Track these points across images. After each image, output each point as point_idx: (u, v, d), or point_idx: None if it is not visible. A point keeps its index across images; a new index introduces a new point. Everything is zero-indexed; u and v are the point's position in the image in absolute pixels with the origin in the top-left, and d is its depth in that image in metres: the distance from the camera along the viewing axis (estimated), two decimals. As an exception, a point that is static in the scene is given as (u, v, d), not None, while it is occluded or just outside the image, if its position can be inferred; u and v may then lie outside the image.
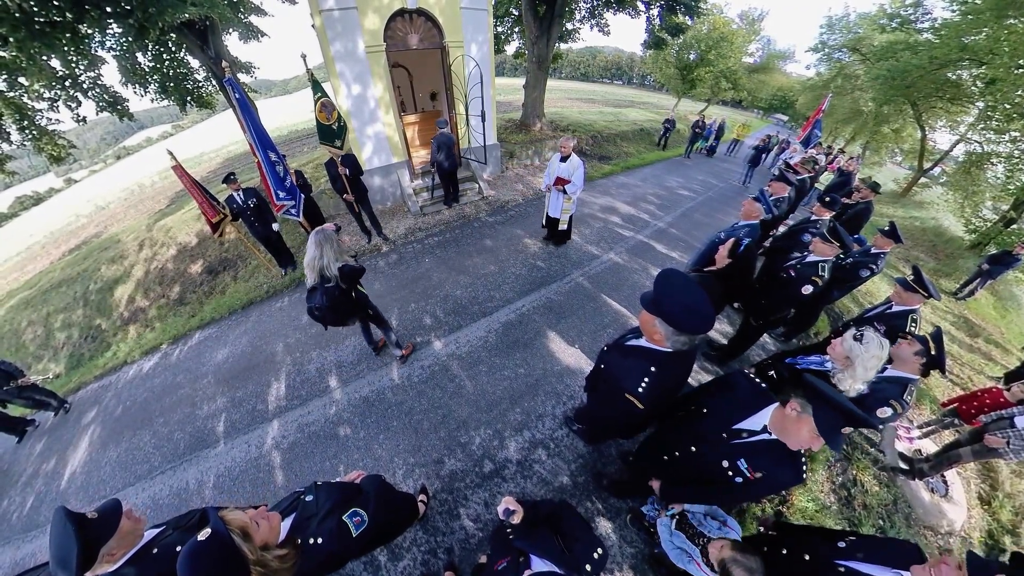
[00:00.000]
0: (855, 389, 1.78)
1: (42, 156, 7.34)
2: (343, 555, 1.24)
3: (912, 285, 2.40)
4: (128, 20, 5.54)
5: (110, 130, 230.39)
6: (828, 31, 16.50)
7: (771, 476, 1.30)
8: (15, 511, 3.28)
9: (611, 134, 12.02)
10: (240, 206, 4.57)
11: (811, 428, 1.15)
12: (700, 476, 1.54)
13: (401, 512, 1.75)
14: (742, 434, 1.36)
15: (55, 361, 5.92)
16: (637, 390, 1.40)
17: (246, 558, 0.89)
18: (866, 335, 1.79)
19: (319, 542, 1.16)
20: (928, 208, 13.00)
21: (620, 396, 1.47)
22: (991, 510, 2.80)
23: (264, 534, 0.99)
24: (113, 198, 21.99)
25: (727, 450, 1.38)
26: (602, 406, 1.74)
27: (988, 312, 6.10)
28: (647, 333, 1.42)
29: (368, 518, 1.30)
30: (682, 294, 1.28)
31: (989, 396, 2.83)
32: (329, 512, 1.25)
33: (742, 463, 1.33)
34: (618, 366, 1.57)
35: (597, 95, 29.23)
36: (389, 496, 1.68)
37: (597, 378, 1.80)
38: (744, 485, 1.35)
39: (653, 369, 1.39)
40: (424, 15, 5.63)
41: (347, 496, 1.36)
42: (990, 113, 9.14)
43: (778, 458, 1.28)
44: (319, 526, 1.20)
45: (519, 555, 1.15)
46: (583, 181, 4.51)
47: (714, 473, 1.42)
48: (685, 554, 1.63)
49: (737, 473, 1.35)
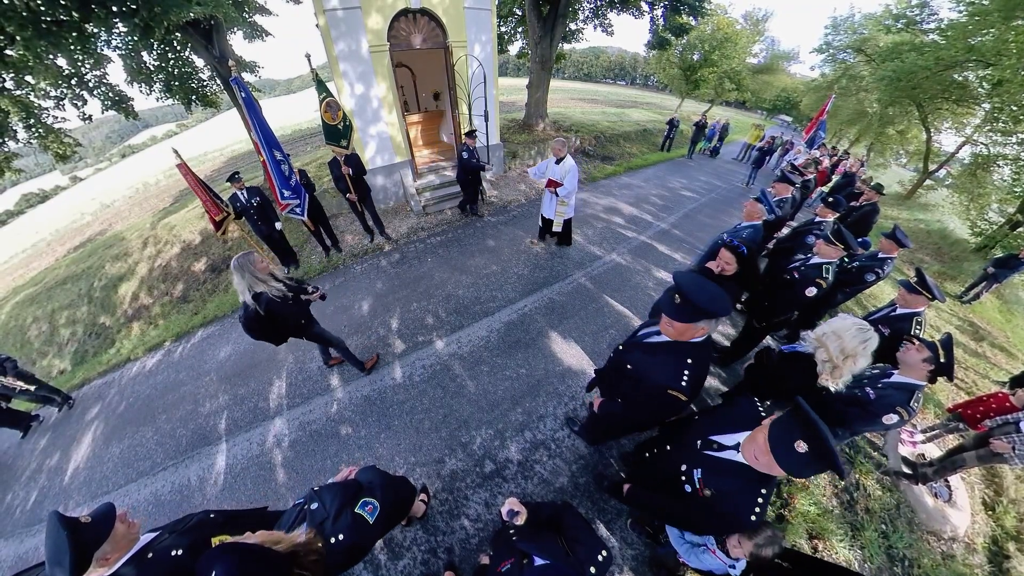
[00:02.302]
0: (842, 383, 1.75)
1: (48, 154, 7.38)
2: (365, 543, 1.27)
3: (916, 287, 2.39)
4: (134, 19, 5.56)
5: (116, 128, 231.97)
6: (833, 32, 16.38)
7: (720, 497, 1.23)
8: (19, 506, 3.30)
9: (614, 134, 11.99)
10: (243, 205, 4.59)
11: (765, 437, 1.08)
12: (658, 477, 1.53)
13: (402, 491, 1.80)
14: (713, 445, 1.33)
15: (60, 357, 5.96)
16: (681, 384, 1.43)
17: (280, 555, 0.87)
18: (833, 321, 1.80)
19: (340, 539, 1.18)
20: (933, 210, 12.90)
21: (660, 394, 1.48)
22: (995, 516, 2.77)
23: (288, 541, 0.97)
24: (118, 196, 22.10)
25: (691, 456, 1.37)
26: (638, 408, 1.71)
27: (993, 316, 6.05)
28: (685, 336, 1.45)
29: (379, 504, 1.33)
30: (704, 288, 1.36)
31: (994, 400, 2.80)
32: (340, 510, 1.26)
33: (697, 472, 1.31)
34: (650, 365, 1.57)
35: (600, 95, 29.19)
36: (388, 480, 1.71)
37: (622, 381, 1.77)
38: (692, 500, 1.32)
39: (690, 361, 1.44)
40: (428, 15, 5.64)
41: (350, 492, 1.37)
42: (997, 115, 9.05)
43: (735, 481, 1.22)
44: (335, 525, 1.20)
45: (522, 557, 1.15)
46: (575, 185, 4.48)
47: (669, 476, 1.41)
48: (697, 547, 1.61)
49: (688, 481, 1.32)
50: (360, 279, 5.05)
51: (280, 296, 2.47)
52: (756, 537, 1.34)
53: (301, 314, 2.78)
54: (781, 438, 1.04)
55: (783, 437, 1.04)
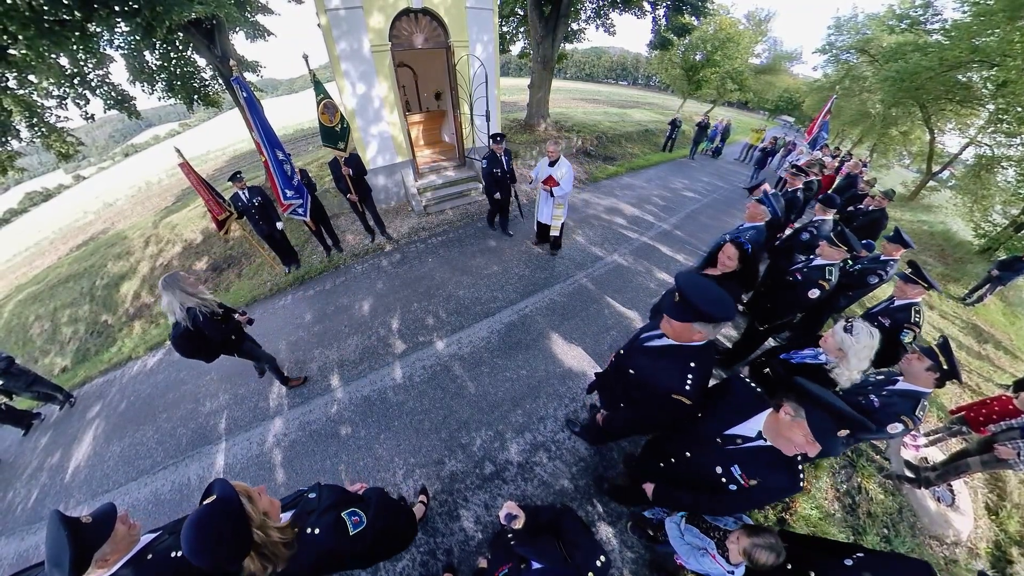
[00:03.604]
0: (851, 380, 1.76)
1: (51, 153, 7.41)
2: (339, 553, 1.23)
3: (911, 277, 2.47)
4: (136, 19, 5.58)
5: (119, 128, 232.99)
6: (836, 32, 16.34)
7: (766, 483, 1.27)
8: (20, 503, 3.31)
9: (616, 135, 11.97)
10: (245, 204, 4.59)
11: (805, 432, 1.13)
12: (694, 482, 1.52)
13: (400, 520, 1.74)
14: (736, 440, 1.34)
15: (61, 355, 5.98)
16: (685, 388, 1.42)
17: (250, 518, 0.94)
18: (856, 325, 1.77)
19: (316, 533, 1.17)
20: (937, 212, 12.84)
21: (664, 399, 1.47)
22: (998, 521, 2.75)
23: (266, 504, 1.03)
24: (121, 195, 22.20)
25: (721, 456, 1.37)
26: (643, 413, 1.71)
27: (997, 318, 6.01)
28: (683, 339, 1.43)
29: (366, 520, 1.30)
30: (706, 291, 1.32)
31: (998, 404, 2.78)
32: (329, 508, 1.27)
33: (736, 470, 1.31)
34: (653, 369, 1.56)
35: (602, 95, 29.18)
36: (389, 505, 1.68)
37: (626, 387, 1.75)
38: (739, 493, 1.33)
39: (693, 364, 1.42)
40: (429, 15, 5.63)
41: (348, 498, 1.37)
42: (1001, 116, 9.00)
43: (774, 465, 1.25)
44: (318, 519, 1.21)
45: (520, 561, 1.14)
46: (571, 185, 4.46)
47: (708, 479, 1.40)
48: (698, 550, 1.59)
49: (731, 480, 1.33)
50: (361, 279, 5.05)
51: (209, 311, 2.54)
52: (755, 537, 1.33)
53: (231, 330, 2.87)
54: (825, 430, 1.12)
55: (825, 429, 1.12)
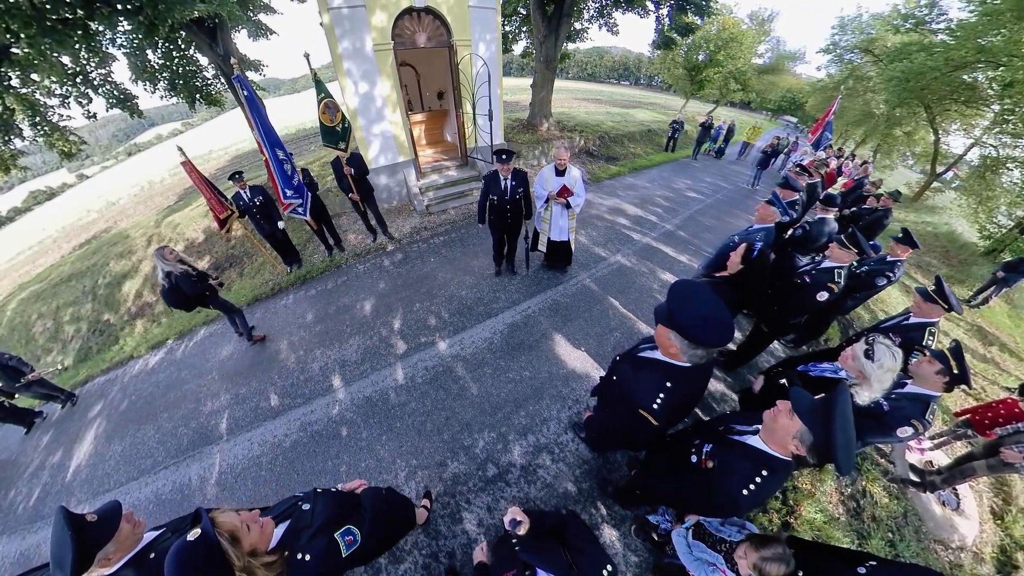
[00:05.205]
0: (872, 400, 1.73)
1: (54, 152, 7.42)
2: (332, 572, 1.21)
3: (932, 296, 2.29)
4: (138, 17, 5.58)
5: (121, 127, 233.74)
6: (840, 32, 16.23)
7: (720, 471, 1.25)
8: (21, 502, 3.32)
9: (618, 135, 11.94)
10: (246, 203, 4.59)
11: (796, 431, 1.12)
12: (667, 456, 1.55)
13: (397, 522, 1.73)
14: (733, 430, 1.35)
15: (64, 354, 6.00)
16: (652, 406, 1.33)
17: (232, 564, 0.90)
18: (877, 349, 1.71)
19: (307, 559, 1.12)
20: (941, 213, 12.78)
21: (633, 411, 1.41)
22: (1004, 525, 2.72)
23: (254, 539, 1.00)
24: (123, 194, 22.27)
25: (707, 433, 1.39)
26: (613, 419, 1.69)
27: (1002, 321, 5.97)
28: (663, 347, 1.35)
29: (361, 537, 1.28)
30: (698, 304, 1.21)
31: (1004, 407, 2.75)
32: (322, 527, 1.22)
33: (707, 446, 1.33)
34: (631, 379, 1.50)
35: (604, 95, 29.11)
36: (387, 513, 1.65)
37: (608, 389, 1.75)
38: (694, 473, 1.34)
39: (669, 384, 1.32)
40: (432, 14, 5.61)
41: (344, 510, 1.33)
42: (1007, 117, 8.94)
43: (741, 459, 1.23)
44: (310, 542, 1.16)
45: (524, 568, 1.12)
46: (585, 190, 4.01)
47: (680, 452, 1.41)
48: (707, 564, 1.57)
49: (696, 452, 1.34)
50: (363, 279, 5.04)
51: (183, 273, 3.53)
52: (763, 550, 1.30)
53: (204, 288, 3.78)
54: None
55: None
